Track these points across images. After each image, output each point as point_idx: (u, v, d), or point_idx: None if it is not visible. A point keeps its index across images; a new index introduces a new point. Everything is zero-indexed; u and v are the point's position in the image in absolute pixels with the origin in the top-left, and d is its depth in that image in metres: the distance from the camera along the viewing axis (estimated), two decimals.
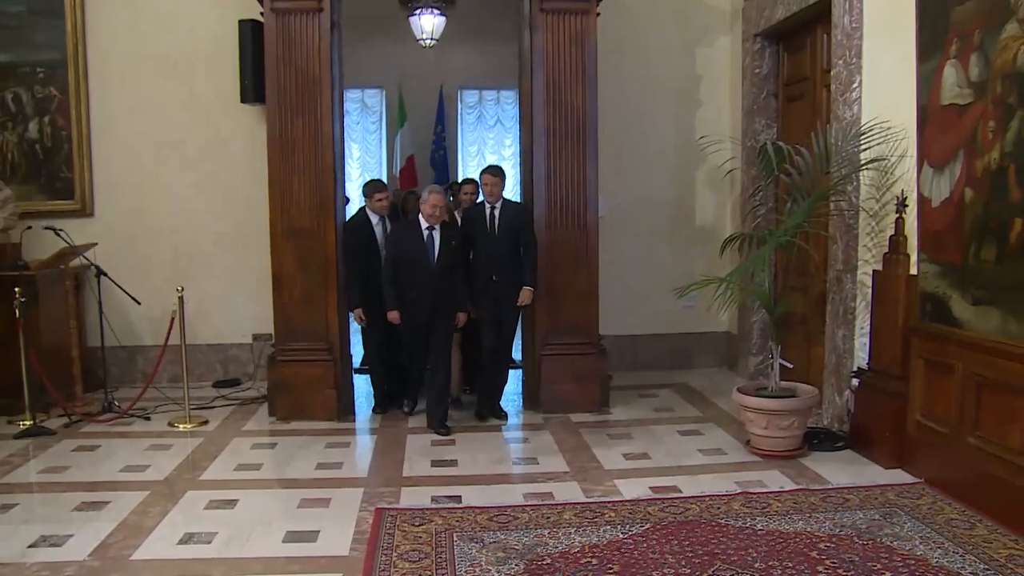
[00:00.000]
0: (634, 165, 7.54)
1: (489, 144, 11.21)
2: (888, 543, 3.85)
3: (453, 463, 5.25)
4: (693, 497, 4.53)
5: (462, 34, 9.48)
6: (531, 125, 6.29)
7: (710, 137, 6.79)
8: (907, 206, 4.88)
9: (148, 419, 6.25)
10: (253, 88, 6.69)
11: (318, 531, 4.10)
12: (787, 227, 5.29)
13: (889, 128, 4.99)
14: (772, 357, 5.42)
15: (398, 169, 10.63)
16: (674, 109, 7.61)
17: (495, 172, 6.20)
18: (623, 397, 6.66)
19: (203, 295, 7.11)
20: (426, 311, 5.82)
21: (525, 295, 6.15)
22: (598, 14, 6.25)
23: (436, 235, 5.85)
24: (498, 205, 6.14)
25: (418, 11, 8.39)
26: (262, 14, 6.11)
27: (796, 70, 6.73)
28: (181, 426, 6.05)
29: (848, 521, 4.14)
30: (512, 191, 11.08)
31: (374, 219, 6.29)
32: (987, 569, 3.57)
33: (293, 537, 4.04)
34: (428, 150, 10.76)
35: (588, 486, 4.77)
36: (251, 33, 6.62)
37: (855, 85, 5.35)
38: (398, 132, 10.60)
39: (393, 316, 5.88)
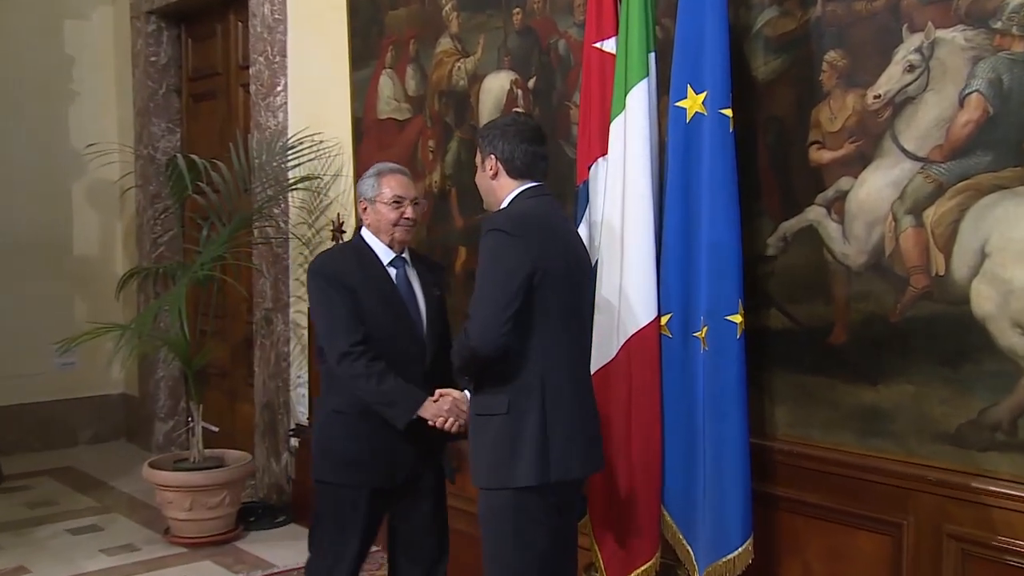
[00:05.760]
0: None
1: None
2: None
3: None
4: None
5: None
6: None
7: (101, 145, 5.41)
8: (344, 232, 4.44)
9: None
10: None
11: None
12: (205, 259, 4.51)
13: (322, 142, 4.50)
14: (192, 421, 4.61)
15: None
16: (39, 104, 5.97)
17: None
18: None
19: None
20: (409, 450, 2.80)
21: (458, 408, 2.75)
22: None
23: (413, 275, 2.92)
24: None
25: None
26: None
27: (205, 62, 5.79)
28: None
29: None
30: None
31: None
32: None
33: None
34: None
35: None
36: None
37: (280, 88, 4.77)
38: None
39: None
